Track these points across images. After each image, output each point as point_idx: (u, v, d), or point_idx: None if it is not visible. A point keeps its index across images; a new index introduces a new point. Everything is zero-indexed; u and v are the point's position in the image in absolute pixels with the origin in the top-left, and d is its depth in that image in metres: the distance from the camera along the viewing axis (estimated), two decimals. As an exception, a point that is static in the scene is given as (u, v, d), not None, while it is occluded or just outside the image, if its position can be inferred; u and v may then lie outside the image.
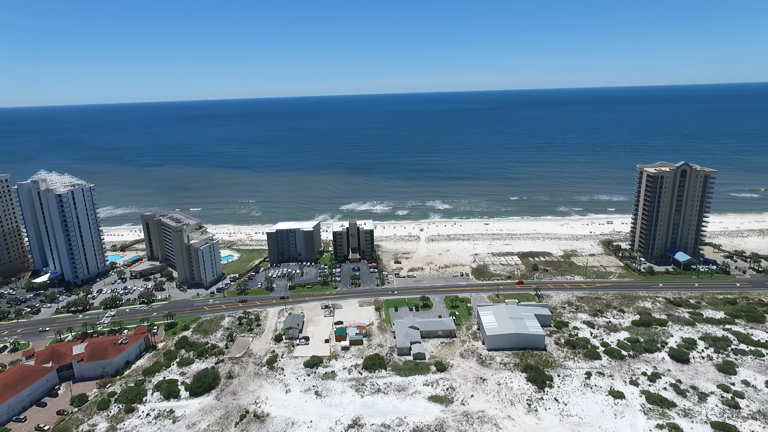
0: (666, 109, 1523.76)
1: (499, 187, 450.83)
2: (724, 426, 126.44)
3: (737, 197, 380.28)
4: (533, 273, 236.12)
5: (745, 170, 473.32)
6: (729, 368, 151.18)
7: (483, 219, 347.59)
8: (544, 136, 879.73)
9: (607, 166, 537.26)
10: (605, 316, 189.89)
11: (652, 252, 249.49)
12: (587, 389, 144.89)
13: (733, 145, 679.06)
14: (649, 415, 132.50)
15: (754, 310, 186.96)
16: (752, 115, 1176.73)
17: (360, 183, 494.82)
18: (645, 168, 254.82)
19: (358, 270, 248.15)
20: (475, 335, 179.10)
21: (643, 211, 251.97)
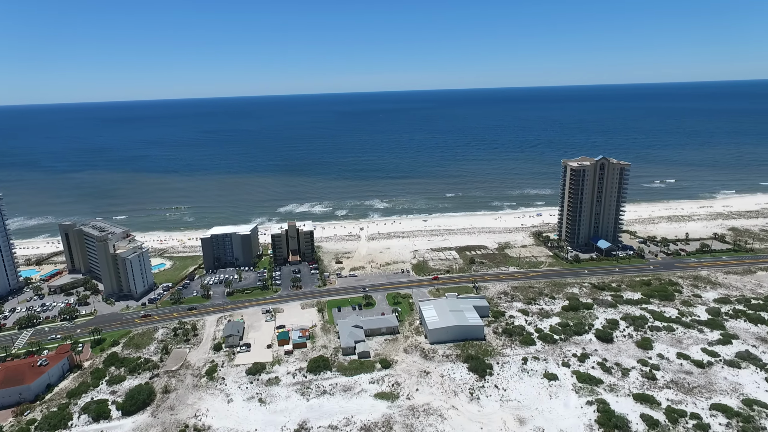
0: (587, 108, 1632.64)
1: (435, 184, 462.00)
2: (644, 396, 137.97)
3: (648, 188, 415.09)
4: (470, 266, 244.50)
5: (653, 163, 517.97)
6: (646, 344, 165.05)
7: (421, 216, 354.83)
8: (476, 134, 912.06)
9: (535, 161, 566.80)
10: (538, 303, 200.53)
11: (577, 241, 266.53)
12: (524, 374, 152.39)
13: (642, 140, 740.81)
14: (580, 393, 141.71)
15: (665, 289, 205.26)
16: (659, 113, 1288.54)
17: (297, 184, 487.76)
18: (569, 162, 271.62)
19: (299, 272, 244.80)
20: (417, 330, 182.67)
21: (569, 203, 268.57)
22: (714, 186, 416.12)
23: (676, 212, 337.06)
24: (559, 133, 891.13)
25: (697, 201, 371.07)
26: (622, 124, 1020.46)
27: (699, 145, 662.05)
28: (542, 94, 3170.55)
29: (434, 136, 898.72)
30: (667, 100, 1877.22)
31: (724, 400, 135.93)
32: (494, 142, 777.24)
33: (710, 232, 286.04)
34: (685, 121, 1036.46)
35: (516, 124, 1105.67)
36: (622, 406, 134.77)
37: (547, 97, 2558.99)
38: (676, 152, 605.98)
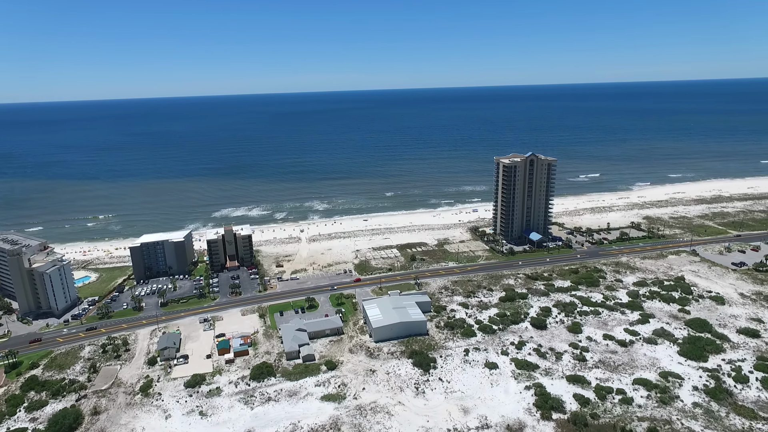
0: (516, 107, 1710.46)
1: (374, 184, 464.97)
2: (576, 377, 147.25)
3: (573, 181, 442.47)
4: (412, 263, 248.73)
5: (577, 158, 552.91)
6: (576, 328, 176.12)
7: (362, 216, 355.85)
8: (412, 133, 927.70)
9: (469, 159, 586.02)
10: (477, 296, 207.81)
11: (511, 234, 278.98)
12: (467, 365, 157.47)
13: (566, 137, 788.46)
14: (519, 380, 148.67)
15: (591, 276, 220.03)
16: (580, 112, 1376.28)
17: (232, 187, 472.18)
18: (501, 159, 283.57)
19: (238, 278, 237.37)
20: (362, 329, 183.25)
21: (502, 198, 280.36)
22: (630, 179, 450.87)
23: (598, 204, 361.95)
24: (490, 131, 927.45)
25: (616, 193, 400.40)
26: (548, 122, 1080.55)
27: (616, 141, 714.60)
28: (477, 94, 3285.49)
29: (371, 136, 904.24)
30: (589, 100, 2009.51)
31: (644, 375, 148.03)
32: (430, 141, 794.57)
33: (628, 221, 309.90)
34: (603, 119, 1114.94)
35: (450, 123, 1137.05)
36: (557, 388, 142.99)
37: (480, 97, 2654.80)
38: (596, 148, 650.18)
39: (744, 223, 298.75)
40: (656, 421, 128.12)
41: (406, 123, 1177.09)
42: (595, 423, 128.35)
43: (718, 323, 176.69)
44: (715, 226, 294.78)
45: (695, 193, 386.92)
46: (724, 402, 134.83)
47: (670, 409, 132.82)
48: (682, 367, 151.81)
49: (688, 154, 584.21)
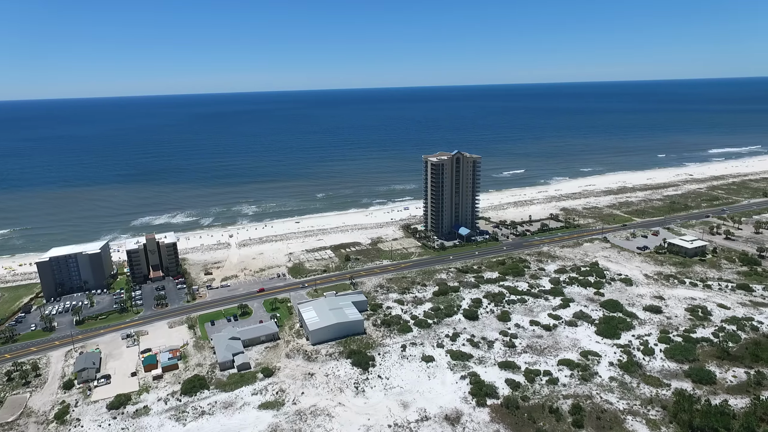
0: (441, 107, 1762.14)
1: (305, 185, 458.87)
2: (507, 363, 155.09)
3: (497, 177, 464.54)
4: (346, 263, 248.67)
5: (498, 155, 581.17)
6: (505, 317, 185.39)
7: (294, 218, 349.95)
8: (341, 134, 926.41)
9: (398, 158, 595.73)
10: (412, 292, 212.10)
11: (441, 230, 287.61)
12: (404, 360, 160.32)
13: (488, 135, 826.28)
14: (454, 370, 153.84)
15: (517, 266, 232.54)
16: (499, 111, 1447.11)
17: (152, 194, 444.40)
18: (429, 158, 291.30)
19: (164, 288, 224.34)
20: (298, 333, 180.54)
21: (431, 196, 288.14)
22: (548, 173, 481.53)
23: (520, 198, 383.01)
24: (417, 131, 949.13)
25: (535, 187, 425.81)
26: (471, 121, 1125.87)
27: (533, 139, 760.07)
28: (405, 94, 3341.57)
29: (300, 137, 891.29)
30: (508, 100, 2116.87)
31: (567, 356, 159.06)
32: (359, 141, 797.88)
33: (547, 213, 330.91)
34: (521, 118, 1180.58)
35: (379, 123, 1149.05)
36: (490, 375, 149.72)
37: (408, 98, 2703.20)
38: (515, 145, 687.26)
39: (645, 211, 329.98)
40: (579, 398, 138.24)
41: (335, 123, 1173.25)
42: (526, 405, 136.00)
43: (627, 303, 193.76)
44: (622, 215, 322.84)
45: (604, 185, 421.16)
46: (635, 374, 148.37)
47: (591, 385, 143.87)
48: (599, 345, 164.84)
49: (597, 149, 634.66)
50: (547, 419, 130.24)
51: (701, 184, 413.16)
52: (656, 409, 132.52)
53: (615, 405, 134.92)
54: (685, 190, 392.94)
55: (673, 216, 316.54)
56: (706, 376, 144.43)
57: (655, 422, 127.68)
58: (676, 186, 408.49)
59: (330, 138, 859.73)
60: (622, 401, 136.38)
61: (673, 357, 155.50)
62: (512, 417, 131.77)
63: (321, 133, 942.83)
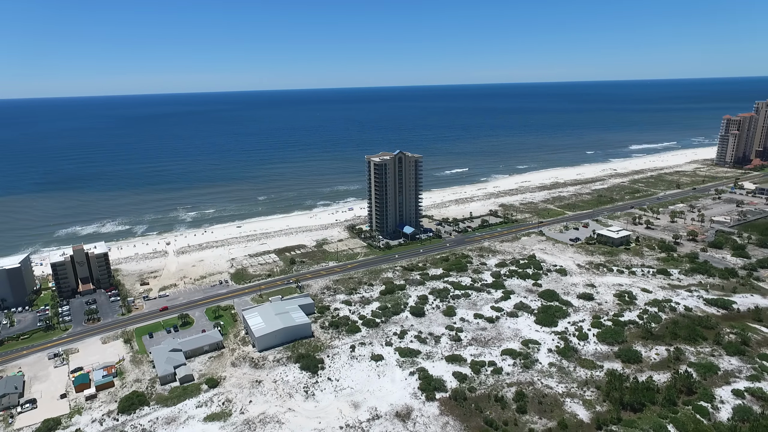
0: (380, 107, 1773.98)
1: (245, 188, 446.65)
2: (454, 357, 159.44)
3: (438, 176, 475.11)
4: (292, 266, 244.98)
5: (439, 154, 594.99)
6: (450, 312, 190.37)
7: (235, 222, 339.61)
8: (280, 135, 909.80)
9: (340, 159, 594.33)
10: (359, 292, 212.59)
11: (386, 229, 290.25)
12: (354, 361, 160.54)
13: (428, 135, 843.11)
14: (403, 367, 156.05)
15: (460, 262, 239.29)
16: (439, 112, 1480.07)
17: (78, 202, 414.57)
18: (371, 158, 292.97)
19: (95, 302, 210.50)
20: (244, 340, 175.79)
21: (375, 195, 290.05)
22: (487, 171, 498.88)
23: (461, 195, 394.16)
24: (359, 131, 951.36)
25: (475, 185, 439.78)
26: (411, 122, 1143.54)
27: (471, 138, 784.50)
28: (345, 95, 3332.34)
29: (238, 139, 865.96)
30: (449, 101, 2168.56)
31: (510, 345, 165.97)
32: (299, 143, 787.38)
33: (487, 209, 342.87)
34: (460, 118, 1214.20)
35: (320, 124, 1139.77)
36: (438, 370, 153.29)
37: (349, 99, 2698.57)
38: (455, 144, 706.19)
39: (576, 205, 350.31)
40: (522, 384, 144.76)
41: (275, 125, 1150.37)
42: (473, 395, 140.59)
43: (563, 292, 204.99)
44: (555, 209, 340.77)
45: (538, 181, 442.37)
46: (572, 358, 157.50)
47: (532, 372, 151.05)
48: (538, 333, 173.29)
49: (531, 147, 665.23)
50: (493, 408, 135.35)
51: (624, 178, 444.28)
52: (591, 390, 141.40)
53: (555, 389, 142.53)
54: (611, 184, 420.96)
55: (600, 208, 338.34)
56: (633, 356, 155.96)
57: (591, 402, 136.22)
58: (602, 180, 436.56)
59: (270, 140, 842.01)
60: (561, 385, 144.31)
61: (605, 340, 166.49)
62: (460, 408, 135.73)
63: (260, 135, 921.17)
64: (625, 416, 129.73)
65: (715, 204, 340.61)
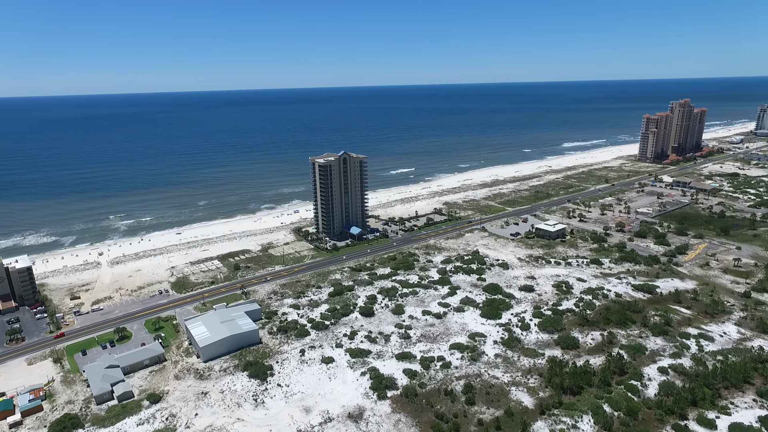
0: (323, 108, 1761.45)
1: (184, 194, 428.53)
2: (404, 354, 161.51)
3: (384, 176, 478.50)
4: (236, 272, 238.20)
5: (383, 155, 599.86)
6: (399, 310, 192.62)
7: (174, 229, 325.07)
8: (219, 138, 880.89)
9: (284, 161, 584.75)
10: (307, 295, 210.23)
11: (333, 231, 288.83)
12: (304, 365, 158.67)
13: (372, 135, 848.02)
14: (354, 368, 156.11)
15: (407, 260, 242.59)
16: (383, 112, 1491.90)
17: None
18: (316, 159, 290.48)
19: (17, 320, 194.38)
20: (188, 351, 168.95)
21: (321, 197, 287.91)
22: (431, 170, 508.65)
23: (407, 195, 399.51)
24: (301, 133, 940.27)
25: (419, 184, 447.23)
26: (355, 123, 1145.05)
27: (414, 138, 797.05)
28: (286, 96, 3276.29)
29: (174, 142, 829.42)
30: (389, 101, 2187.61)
31: (458, 340, 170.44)
32: (240, 145, 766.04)
33: (432, 207, 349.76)
34: (403, 118, 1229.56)
35: (260, 126, 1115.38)
36: (389, 368, 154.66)
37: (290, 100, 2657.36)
38: (399, 145, 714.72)
39: (515, 201, 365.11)
40: (470, 377, 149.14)
41: (215, 127, 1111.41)
42: (423, 391, 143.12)
43: (506, 285, 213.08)
44: (496, 205, 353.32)
45: (480, 179, 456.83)
46: (516, 348, 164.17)
47: (479, 364, 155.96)
48: (484, 326, 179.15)
49: (472, 146, 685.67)
50: (443, 401, 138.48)
51: (559, 174, 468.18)
52: (534, 377, 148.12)
53: (501, 379, 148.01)
54: (547, 180, 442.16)
55: (538, 204, 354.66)
56: (571, 342, 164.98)
57: (534, 389, 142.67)
58: (539, 177, 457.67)
59: (210, 142, 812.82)
60: (507, 374, 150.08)
61: (545, 329, 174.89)
62: (412, 405, 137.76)
63: (199, 137, 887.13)
64: (566, 400, 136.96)
65: (639, 196, 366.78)
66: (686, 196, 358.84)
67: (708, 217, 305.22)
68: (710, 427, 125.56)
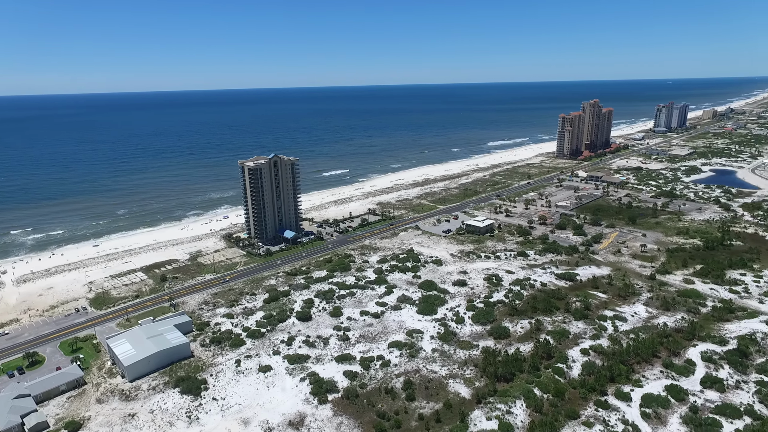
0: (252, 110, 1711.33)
1: (100, 203, 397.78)
2: (343, 356, 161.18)
3: (316, 178, 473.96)
4: (163, 284, 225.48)
5: (315, 157, 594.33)
6: (337, 312, 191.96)
7: (90, 241, 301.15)
8: (139, 142, 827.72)
9: (211, 165, 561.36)
10: (241, 303, 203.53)
11: (266, 235, 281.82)
12: (240, 375, 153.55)
13: (303, 137, 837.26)
14: (293, 374, 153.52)
15: (343, 262, 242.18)
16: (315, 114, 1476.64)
17: None
18: (245, 163, 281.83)
19: None
20: (111, 372, 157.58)
21: (252, 202, 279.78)
22: (364, 171, 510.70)
23: (341, 196, 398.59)
24: (229, 135, 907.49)
25: (353, 185, 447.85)
26: (284, 124, 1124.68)
27: (345, 139, 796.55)
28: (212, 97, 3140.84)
29: (87, 147, 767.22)
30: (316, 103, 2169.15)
31: (396, 338, 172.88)
32: (161, 149, 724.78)
33: (366, 208, 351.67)
34: (333, 120, 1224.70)
35: (184, 129, 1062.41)
36: (329, 371, 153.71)
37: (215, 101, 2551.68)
38: (330, 146, 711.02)
39: (446, 199, 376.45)
40: (409, 373, 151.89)
41: (134, 131, 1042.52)
42: (364, 391, 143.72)
43: (440, 281, 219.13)
44: (428, 204, 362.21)
45: (411, 178, 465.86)
46: (452, 342, 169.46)
47: (418, 360, 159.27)
48: (421, 323, 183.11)
49: (402, 146, 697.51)
50: (384, 400, 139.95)
51: (485, 172, 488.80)
52: (470, 368, 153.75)
53: (439, 372, 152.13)
54: (475, 178, 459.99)
55: (467, 201, 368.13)
56: (503, 332, 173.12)
57: (470, 380, 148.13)
58: (467, 175, 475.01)
59: (127, 147, 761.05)
60: (444, 368, 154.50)
61: (479, 321, 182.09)
62: (353, 406, 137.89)
63: (116, 142, 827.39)
64: (500, 387, 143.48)
65: (558, 191, 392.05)
66: (599, 189, 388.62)
67: (618, 207, 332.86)
68: (626, 400, 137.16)
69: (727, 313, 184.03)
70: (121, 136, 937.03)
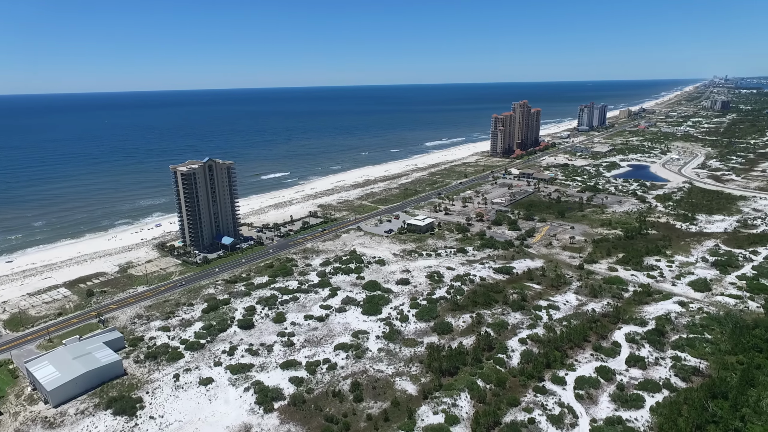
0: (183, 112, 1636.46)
1: (12, 215, 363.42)
2: (289, 363, 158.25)
3: (254, 182, 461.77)
4: (90, 299, 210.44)
5: (252, 160, 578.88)
6: (281, 318, 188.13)
7: (2, 257, 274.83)
8: (56, 148, 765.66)
9: (139, 171, 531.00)
10: (177, 314, 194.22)
11: (202, 243, 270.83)
12: (179, 390, 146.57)
13: (238, 140, 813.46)
14: (237, 385, 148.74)
15: (285, 267, 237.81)
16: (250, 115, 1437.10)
17: None
18: (177, 168, 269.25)
19: None
20: (32, 398, 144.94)
21: (186, 208, 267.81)
22: (303, 174, 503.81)
23: (280, 199, 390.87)
24: (158, 139, 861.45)
25: (293, 188, 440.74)
26: (217, 127, 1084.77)
27: (282, 142, 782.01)
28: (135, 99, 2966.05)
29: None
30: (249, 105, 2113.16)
31: (342, 340, 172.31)
32: (81, 155, 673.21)
33: (307, 211, 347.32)
34: (269, 122, 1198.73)
35: (105, 133, 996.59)
36: (274, 379, 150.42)
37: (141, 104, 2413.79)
38: (267, 149, 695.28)
39: (387, 199, 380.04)
40: (356, 375, 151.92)
41: (48, 135, 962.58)
42: (311, 396, 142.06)
43: (384, 281, 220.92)
44: (369, 205, 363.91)
45: (352, 180, 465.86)
46: (397, 340, 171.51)
47: (365, 361, 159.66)
48: (366, 323, 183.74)
49: (342, 148, 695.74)
50: (332, 403, 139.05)
51: (424, 171, 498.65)
52: (416, 365, 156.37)
53: (385, 371, 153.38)
54: (414, 177, 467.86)
55: (408, 200, 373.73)
56: (446, 328, 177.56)
57: (416, 376, 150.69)
58: (407, 175, 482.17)
59: (42, 153, 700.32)
60: (390, 367, 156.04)
61: (422, 318, 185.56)
62: (300, 413, 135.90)
63: (28, 148, 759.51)
64: (445, 382, 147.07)
65: (493, 188, 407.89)
66: (531, 186, 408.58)
67: (548, 203, 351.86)
68: (561, 384, 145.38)
69: (646, 296, 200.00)
70: (38, 141, 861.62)
